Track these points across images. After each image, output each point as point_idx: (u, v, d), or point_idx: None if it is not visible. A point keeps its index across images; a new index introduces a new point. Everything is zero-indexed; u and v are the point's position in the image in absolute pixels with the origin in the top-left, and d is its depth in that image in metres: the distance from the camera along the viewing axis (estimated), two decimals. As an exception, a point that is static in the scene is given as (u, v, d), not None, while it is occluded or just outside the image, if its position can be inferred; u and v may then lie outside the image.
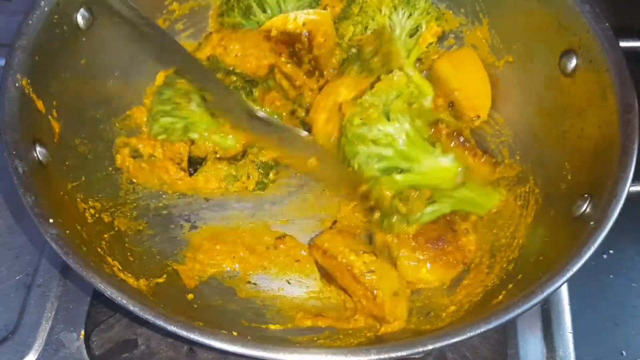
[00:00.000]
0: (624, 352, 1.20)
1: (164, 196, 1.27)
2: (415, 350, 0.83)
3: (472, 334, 0.84)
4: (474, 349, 1.14)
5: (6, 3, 1.43)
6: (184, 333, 0.83)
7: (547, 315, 1.19)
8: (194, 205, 1.27)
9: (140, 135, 1.28)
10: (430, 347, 0.83)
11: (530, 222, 1.14)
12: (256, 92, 1.27)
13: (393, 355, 0.82)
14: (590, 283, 1.25)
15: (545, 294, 0.87)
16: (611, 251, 1.30)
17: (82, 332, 1.16)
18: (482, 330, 0.84)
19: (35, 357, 1.13)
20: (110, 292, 0.87)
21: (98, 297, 1.19)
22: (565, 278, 0.88)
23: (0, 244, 1.26)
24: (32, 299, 1.18)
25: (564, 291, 1.21)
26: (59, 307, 1.18)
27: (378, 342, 1.04)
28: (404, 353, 0.83)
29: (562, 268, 0.89)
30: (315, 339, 1.07)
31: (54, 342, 1.15)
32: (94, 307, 1.18)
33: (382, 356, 0.82)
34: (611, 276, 1.28)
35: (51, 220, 0.90)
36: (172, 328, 0.83)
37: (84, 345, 1.14)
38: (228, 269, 1.20)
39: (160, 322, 0.84)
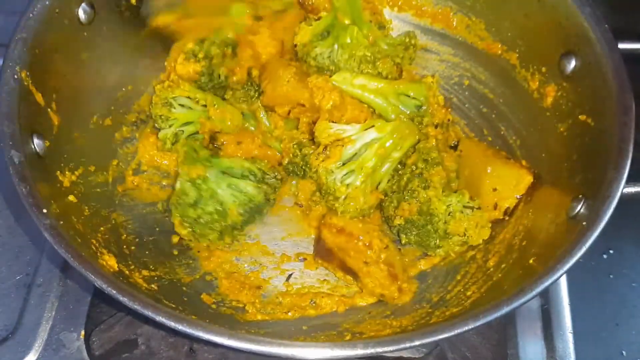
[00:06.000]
0: (624, 352, 1.20)
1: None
2: (402, 346, 0.83)
3: (458, 330, 0.84)
4: (474, 349, 1.14)
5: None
6: (171, 324, 0.83)
7: (547, 315, 1.19)
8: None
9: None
10: (417, 342, 0.83)
11: (527, 224, 1.13)
12: None
13: (380, 350, 0.82)
14: (590, 283, 1.25)
15: (533, 293, 0.87)
16: (611, 251, 1.30)
17: (82, 332, 1.16)
18: (470, 327, 0.84)
19: (35, 357, 1.14)
20: (100, 282, 0.88)
21: (98, 296, 1.19)
22: (554, 278, 0.88)
23: (0, 244, 1.27)
24: (32, 299, 1.19)
25: (564, 291, 1.21)
26: (59, 307, 1.18)
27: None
28: (390, 348, 0.83)
29: (552, 268, 0.89)
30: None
31: (54, 342, 1.15)
32: (94, 307, 1.19)
33: (368, 350, 0.82)
34: (611, 276, 1.28)
35: (45, 211, 0.91)
36: (160, 319, 0.84)
37: (84, 345, 1.15)
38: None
39: (148, 313, 0.84)
